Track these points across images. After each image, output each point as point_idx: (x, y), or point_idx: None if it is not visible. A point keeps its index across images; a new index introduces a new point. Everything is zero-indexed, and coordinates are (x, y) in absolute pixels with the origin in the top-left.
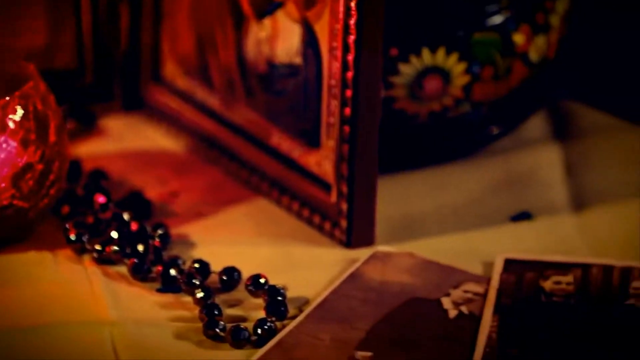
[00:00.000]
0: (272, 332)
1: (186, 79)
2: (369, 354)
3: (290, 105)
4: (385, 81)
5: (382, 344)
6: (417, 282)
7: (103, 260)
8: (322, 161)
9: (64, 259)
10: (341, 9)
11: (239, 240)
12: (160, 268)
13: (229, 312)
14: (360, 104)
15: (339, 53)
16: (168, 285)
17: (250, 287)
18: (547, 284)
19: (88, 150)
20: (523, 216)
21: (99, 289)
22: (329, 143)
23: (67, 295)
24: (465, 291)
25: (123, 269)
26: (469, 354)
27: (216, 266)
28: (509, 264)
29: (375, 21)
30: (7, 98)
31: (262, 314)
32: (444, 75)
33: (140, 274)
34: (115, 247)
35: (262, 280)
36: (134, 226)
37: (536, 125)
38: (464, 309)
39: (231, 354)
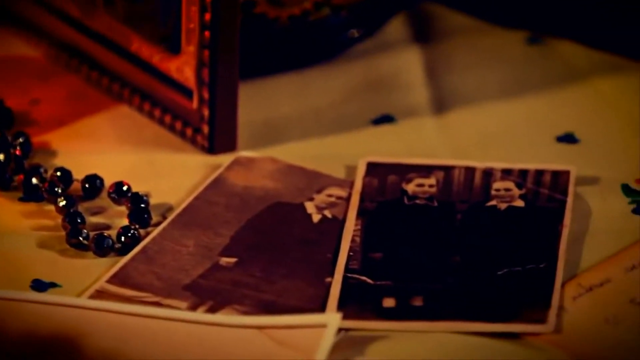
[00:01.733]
0: (136, 239)
1: None
2: (233, 259)
3: (150, 11)
4: None
5: (246, 250)
6: (280, 187)
7: None
8: (182, 67)
9: None
10: None
11: (101, 148)
12: (21, 177)
13: (92, 220)
14: (220, 9)
15: None
16: (30, 194)
17: (113, 195)
18: (410, 187)
19: None
20: (385, 119)
21: None
22: (189, 49)
23: None
24: (329, 195)
25: None
26: (333, 258)
27: (78, 174)
28: (372, 167)
29: None
30: None
31: (125, 222)
32: None
33: (1, 183)
34: None
35: (125, 188)
36: None
37: (396, 28)
38: (327, 213)
39: (95, 262)
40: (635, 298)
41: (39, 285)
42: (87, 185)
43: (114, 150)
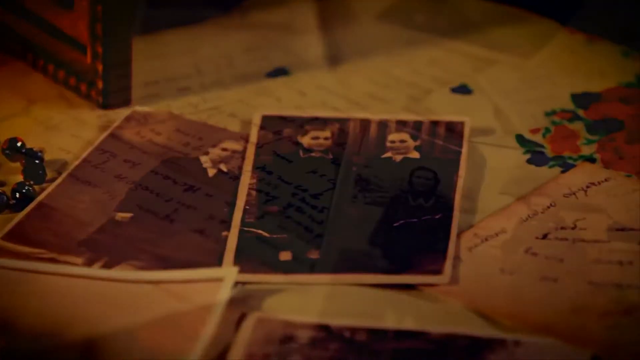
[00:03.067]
0: (31, 195)
1: None
2: (128, 214)
3: None
4: None
5: (142, 204)
6: (176, 141)
7: None
8: (76, 22)
9: None
10: None
11: None
12: None
13: None
14: None
15: None
16: None
17: (7, 151)
18: (305, 140)
19: None
20: (279, 72)
21: None
22: (82, 4)
23: None
24: (224, 149)
25: None
26: (229, 212)
27: None
28: (267, 120)
29: None
30: None
31: (20, 178)
32: None
33: None
34: None
35: (19, 144)
36: None
37: None
38: (222, 167)
39: None
40: (530, 248)
41: None
42: None
43: (7, 106)
